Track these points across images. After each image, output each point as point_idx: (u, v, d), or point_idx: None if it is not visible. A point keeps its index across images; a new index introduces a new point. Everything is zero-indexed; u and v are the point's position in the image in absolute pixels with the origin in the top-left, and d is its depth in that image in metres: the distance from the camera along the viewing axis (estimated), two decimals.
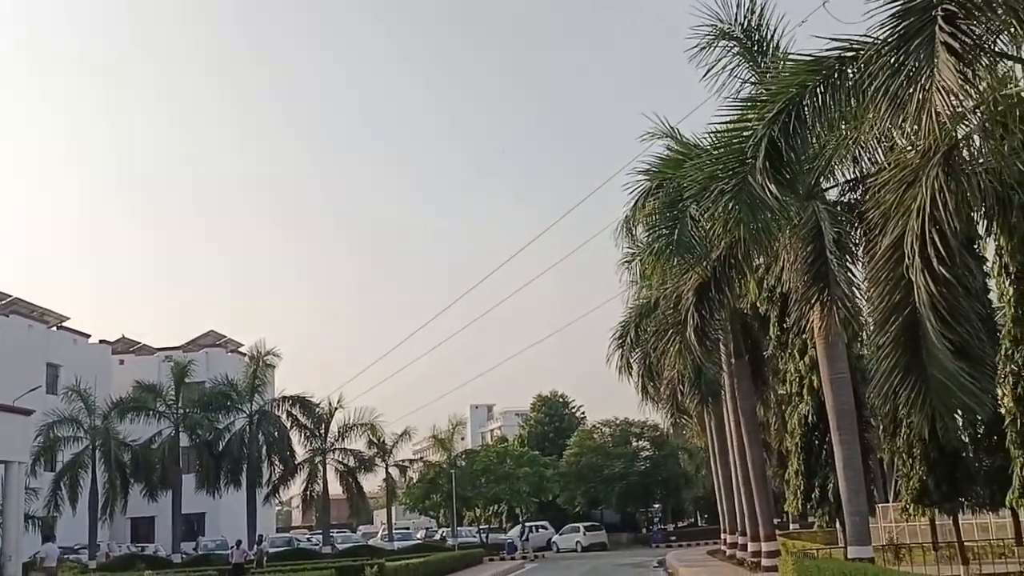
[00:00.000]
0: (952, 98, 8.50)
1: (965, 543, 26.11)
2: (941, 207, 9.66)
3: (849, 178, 20.38)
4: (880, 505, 33.08)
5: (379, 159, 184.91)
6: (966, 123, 10.59)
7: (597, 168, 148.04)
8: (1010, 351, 18.39)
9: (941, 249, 9.48)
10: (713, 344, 22.82)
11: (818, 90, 11.19)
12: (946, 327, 9.50)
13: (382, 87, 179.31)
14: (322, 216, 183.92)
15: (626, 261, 36.24)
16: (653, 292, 30.01)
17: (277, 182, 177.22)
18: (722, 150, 12.13)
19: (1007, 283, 18.53)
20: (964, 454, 23.35)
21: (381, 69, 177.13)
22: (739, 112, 12.18)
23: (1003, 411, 21.51)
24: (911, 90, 9.13)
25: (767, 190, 11.42)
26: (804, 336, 24.52)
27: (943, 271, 9.49)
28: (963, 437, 23.82)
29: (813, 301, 18.17)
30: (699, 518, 76.37)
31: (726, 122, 12.38)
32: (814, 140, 11.71)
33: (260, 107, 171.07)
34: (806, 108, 11.38)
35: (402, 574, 32.83)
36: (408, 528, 74.84)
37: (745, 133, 11.88)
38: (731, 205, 11.85)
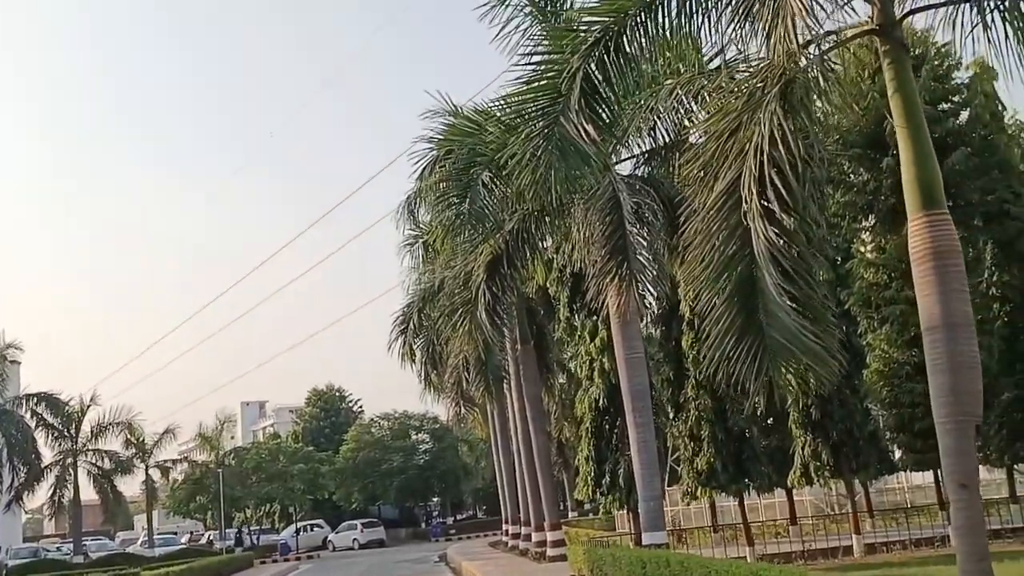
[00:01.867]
0: (808, 15, 7.30)
1: (739, 525, 26.24)
2: (781, 145, 8.50)
3: (644, 150, 19.65)
4: None
5: (139, 153, 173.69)
6: (803, 57, 9.53)
7: (378, 156, 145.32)
8: None
9: (783, 191, 8.32)
10: (503, 324, 21.47)
11: (639, 17, 9.82)
12: (787, 280, 8.37)
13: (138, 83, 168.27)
14: (78, 206, 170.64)
15: (408, 244, 34.69)
16: (438, 275, 28.41)
17: (25, 159, 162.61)
18: (531, 87, 10.51)
19: None
20: (749, 435, 23.26)
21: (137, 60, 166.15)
22: (550, 46, 10.63)
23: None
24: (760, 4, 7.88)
25: (582, 131, 9.95)
26: (595, 318, 23.71)
27: (784, 217, 8.33)
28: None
29: (612, 275, 17.14)
30: (477, 510, 75.88)
31: (535, 58, 10.80)
32: (634, 76, 10.27)
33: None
34: (625, 39, 9.99)
35: None
36: (174, 533, 69.90)
37: (556, 68, 10.35)
38: (540, 150, 10.28)
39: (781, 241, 8.33)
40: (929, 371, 8.83)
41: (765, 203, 8.39)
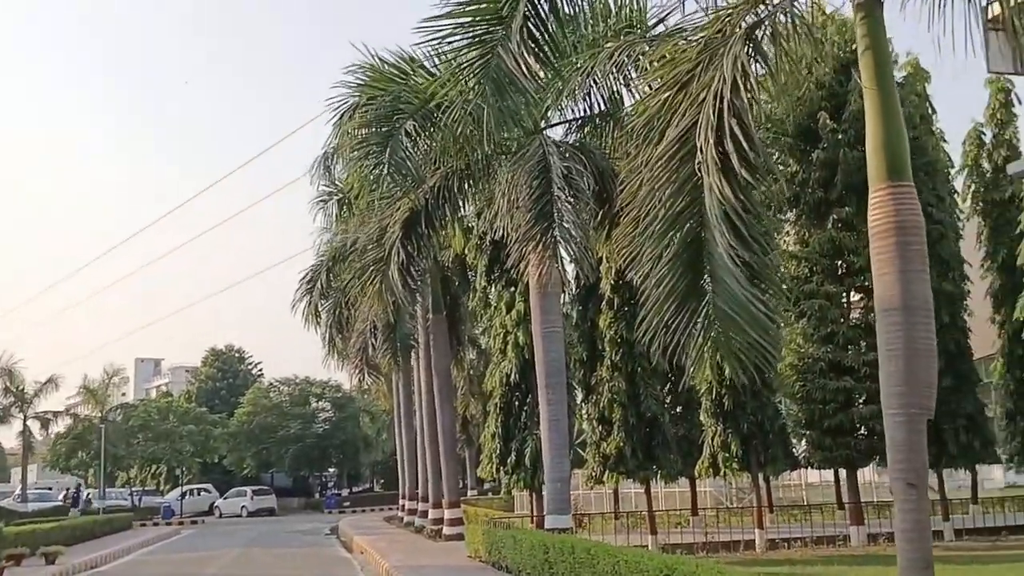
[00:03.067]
0: None
1: (641, 513, 25.71)
2: (744, 91, 7.59)
3: (577, 116, 18.74)
4: None
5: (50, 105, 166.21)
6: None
7: (295, 114, 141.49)
8: None
9: (744, 143, 7.41)
10: (416, 288, 20.35)
11: None
12: (741, 243, 7.46)
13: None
14: None
15: (322, 200, 33.30)
16: (351, 234, 27.11)
17: None
18: (466, 10, 9.37)
19: None
20: (660, 421, 22.66)
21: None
22: None
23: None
24: None
25: (523, 64, 8.88)
26: (513, 289, 22.77)
27: (744, 173, 7.43)
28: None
29: (536, 242, 16.18)
30: (375, 483, 74.55)
31: None
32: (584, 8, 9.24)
33: None
34: None
35: (26, 541, 27.54)
36: (49, 488, 66.82)
37: None
38: (473, 81, 9.18)
39: (736, 199, 7.42)
40: (881, 358, 8.06)
41: (721, 154, 7.47)
